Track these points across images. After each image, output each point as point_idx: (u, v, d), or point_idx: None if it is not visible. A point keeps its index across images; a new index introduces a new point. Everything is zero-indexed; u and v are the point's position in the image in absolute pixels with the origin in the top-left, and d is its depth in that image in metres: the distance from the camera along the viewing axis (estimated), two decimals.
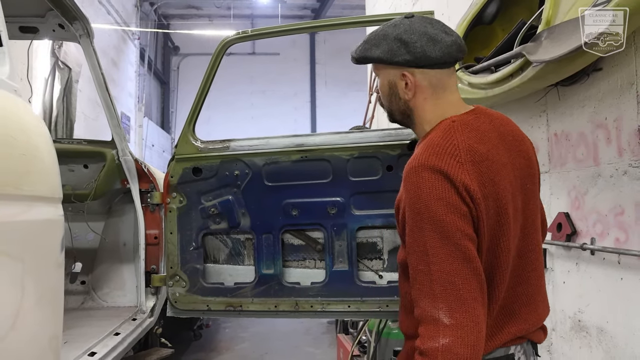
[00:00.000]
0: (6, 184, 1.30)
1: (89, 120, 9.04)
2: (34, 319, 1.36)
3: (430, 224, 1.39)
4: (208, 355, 6.45)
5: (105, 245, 3.25)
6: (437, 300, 1.36)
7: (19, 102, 1.50)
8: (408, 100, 1.60)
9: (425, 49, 1.54)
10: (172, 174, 2.64)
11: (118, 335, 2.35)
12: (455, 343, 1.32)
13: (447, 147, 1.47)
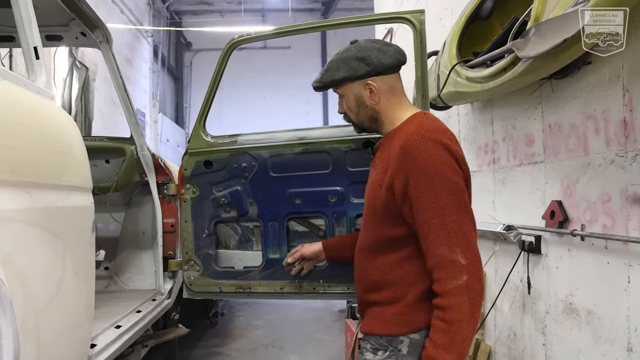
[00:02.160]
0: (49, 176, 1.52)
1: (106, 118, 9.23)
2: (73, 288, 1.58)
3: (442, 183, 1.68)
4: (223, 341, 6.58)
5: (126, 233, 3.40)
6: (454, 246, 1.64)
7: (55, 107, 1.72)
8: (375, 105, 1.93)
9: (380, 59, 1.88)
10: (186, 167, 2.79)
11: (140, 313, 2.54)
12: (472, 279, 1.63)
13: (437, 128, 1.81)
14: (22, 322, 1.25)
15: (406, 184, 1.73)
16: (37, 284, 1.38)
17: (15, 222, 1.29)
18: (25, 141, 1.43)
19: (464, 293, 1.62)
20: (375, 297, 1.88)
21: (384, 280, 1.84)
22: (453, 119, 4.84)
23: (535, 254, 3.31)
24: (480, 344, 4.06)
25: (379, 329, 1.83)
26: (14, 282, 1.22)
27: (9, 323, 1.19)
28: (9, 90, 1.46)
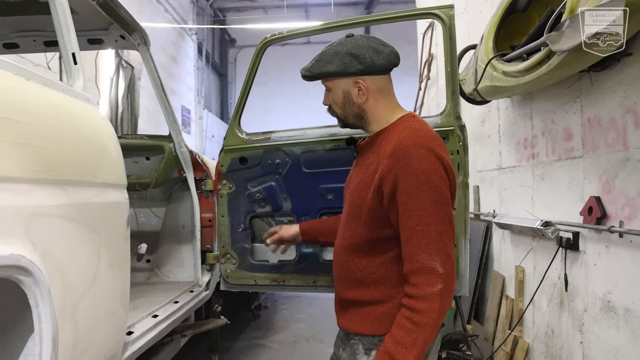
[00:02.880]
0: (85, 174, 1.62)
1: (152, 115, 9.43)
2: (108, 278, 1.68)
3: (430, 192, 1.70)
4: (265, 334, 6.67)
5: (166, 228, 3.51)
6: (433, 254, 1.67)
7: (91, 109, 1.83)
8: (362, 104, 1.92)
9: (373, 59, 1.86)
10: (222, 164, 2.86)
11: (177, 303, 2.64)
12: (446, 288, 1.67)
13: (429, 134, 1.81)
14: (60, 308, 1.35)
15: (394, 187, 1.74)
16: (74, 274, 1.48)
17: (53, 217, 1.39)
18: (63, 143, 1.53)
19: (437, 300, 1.66)
20: (358, 295, 1.91)
21: (369, 279, 1.88)
22: (493, 113, 4.80)
23: (573, 251, 3.27)
24: (519, 341, 4.03)
25: (369, 329, 1.87)
26: (52, 272, 1.32)
27: (47, 309, 1.29)
28: (48, 96, 1.57)
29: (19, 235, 1.23)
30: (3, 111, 1.28)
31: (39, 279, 1.25)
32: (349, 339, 1.96)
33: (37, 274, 1.24)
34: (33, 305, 1.27)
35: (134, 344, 2.03)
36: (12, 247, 1.19)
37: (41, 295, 1.27)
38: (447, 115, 2.56)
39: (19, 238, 1.22)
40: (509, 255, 4.43)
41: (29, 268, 1.22)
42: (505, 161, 4.54)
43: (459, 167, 2.52)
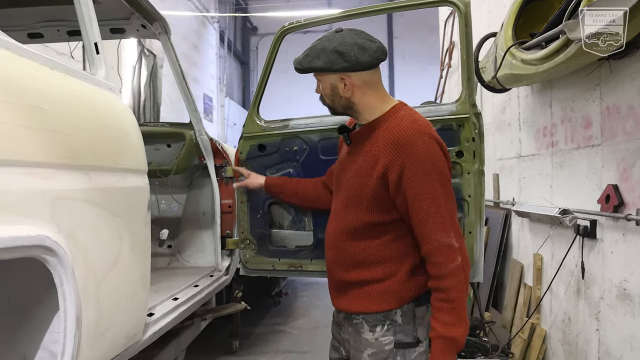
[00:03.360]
0: (107, 160, 1.69)
1: (174, 103, 9.50)
2: (129, 260, 1.75)
3: (437, 175, 1.86)
4: (285, 320, 6.74)
5: (187, 214, 3.58)
6: (449, 232, 1.84)
7: (113, 97, 1.89)
8: (349, 97, 2.01)
9: (358, 57, 1.93)
10: (241, 151, 2.89)
11: (197, 287, 2.70)
12: (464, 260, 1.86)
13: (424, 121, 1.98)
14: (83, 288, 1.42)
15: (401, 174, 1.86)
16: (96, 256, 1.55)
17: (76, 201, 1.46)
18: (86, 130, 1.60)
19: (461, 273, 1.84)
20: (358, 275, 2.03)
21: (369, 260, 2.00)
22: (513, 101, 4.78)
23: (591, 239, 3.27)
24: (536, 328, 4.04)
25: (373, 307, 2.00)
26: (76, 253, 1.39)
27: (71, 288, 1.36)
28: (72, 85, 1.64)
29: (45, 218, 1.30)
30: (30, 99, 1.35)
31: (64, 259, 1.32)
32: (351, 319, 2.06)
33: (62, 254, 1.31)
34: (58, 284, 1.34)
35: (155, 325, 2.10)
36: (39, 228, 1.26)
37: (65, 274, 1.34)
38: (463, 102, 2.55)
39: (44, 220, 1.29)
40: (528, 243, 4.43)
41: (54, 248, 1.28)
42: (525, 149, 4.53)
43: (474, 155, 2.52)
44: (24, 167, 1.25)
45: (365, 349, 2.01)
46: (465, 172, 2.54)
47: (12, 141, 1.24)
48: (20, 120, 1.28)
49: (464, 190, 2.54)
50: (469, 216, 2.54)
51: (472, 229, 2.54)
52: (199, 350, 5.11)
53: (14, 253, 1.19)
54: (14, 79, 1.34)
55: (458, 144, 2.53)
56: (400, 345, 1.97)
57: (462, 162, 2.54)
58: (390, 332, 1.98)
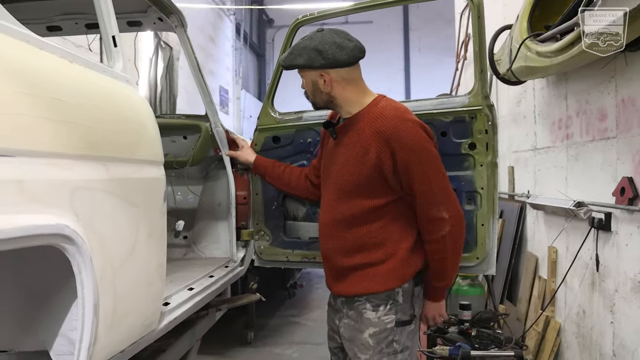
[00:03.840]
0: (124, 151, 1.73)
1: (190, 95, 9.56)
2: (145, 250, 1.79)
3: (425, 155, 2.09)
4: (300, 311, 6.82)
5: (203, 205, 3.59)
6: (439, 205, 2.10)
7: (130, 90, 1.93)
8: (329, 92, 2.19)
9: (335, 55, 2.10)
10: (256, 143, 2.94)
11: (212, 277, 2.73)
12: (454, 229, 2.14)
13: (404, 107, 2.16)
14: (100, 275, 1.46)
15: (394, 161, 2.06)
16: (113, 244, 1.58)
17: (94, 191, 1.49)
18: (103, 121, 1.63)
19: (447, 239, 2.13)
20: (360, 259, 2.18)
21: (370, 243, 2.17)
22: (528, 94, 4.78)
23: (605, 231, 3.27)
24: (550, 321, 4.05)
25: (376, 287, 2.16)
26: (94, 242, 1.43)
27: (89, 276, 1.39)
28: (90, 77, 1.67)
29: (64, 207, 1.33)
30: (50, 92, 1.38)
31: (82, 247, 1.35)
32: (352, 302, 2.21)
33: (80, 243, 1.35)
34: (76, 272, 1.37)
35: (170, 314, 2.13)
36: (58, 217, 1.29)
37: (83, 262, 1.37)
38: (475, 94, 2.57)
39: (63, 209, 1.32)
40: (542, 235, 4.43)
41: (72, 237, 1.32)
42: (540, 142, 4.53)
43: (487, 147, 2.53)
44: (44, 158, 1.29)
45: (367, 329, 2.16)
46: (477, 164, 2.55)
47: (33, 132, 1.27)
48: (42, 112, 1.31)
49: (477, 182, 2.55)
50: (482, 208, 2.55)
51: (484, 221, 2.55)
52: (215, 341, 5.19)
53: (34, 241, 1.23)
54: (35, 72, 1.37)
55: (470, 136, 2.55)
56: (399, 324, 2.16)
57: (474, 154, 2.55)
58: (392, 311, 2.15)
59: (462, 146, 2.56)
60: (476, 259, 2.59)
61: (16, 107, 1.22)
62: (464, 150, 2.57)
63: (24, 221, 1.17)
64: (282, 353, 5.37)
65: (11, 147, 1.17)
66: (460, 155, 2.58)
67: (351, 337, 2.21)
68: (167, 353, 2.47)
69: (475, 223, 2.57)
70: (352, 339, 2.21)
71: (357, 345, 2.18)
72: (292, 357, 5.29)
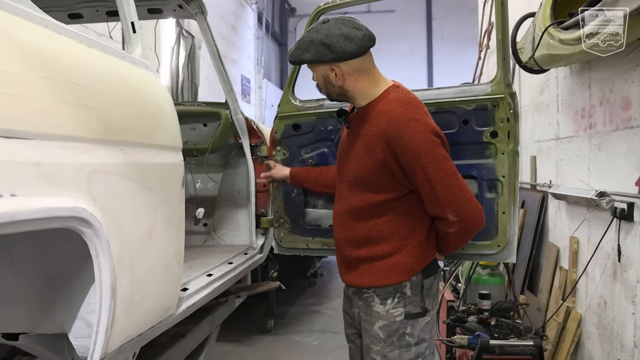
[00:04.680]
0: (142, 136, 1.74)
1: (212, 84, 9.56)
2: (163, 234, 1.80)
3: (427, 157, 2.01)
4: (321, 300, 6.81)
5: (223, 193, 3.61)
6: (444, 208, 2.04)
7: (149, 75, 1.94)
8: (341, 85, 2.12)
9: (344, 47, 2.01)
10: (276, 130, 2.91)
11: (231, 264, 2.75)
12: (461, 231, 2.11)
13: (413, 102, 2.08)
14: (118, 259, 1.47)
15: (398, 161, 2.02)
16: (131, 228, 1.60)
17: (111, 175, 1.51)
18: (121, 106, 1.65)
19: (451, 237, 2.14)
20: (368, 252, 2.16)
21: (378, 236, 2.14)
22: (551, 83, 4.70)
23: (628, 221, 3.21)
24: (571, 312, 4.00)
25: (384, 280, 2.14)
26: (111, 225, 1.44)
27: (107, 259, 1.41)
28: (108, 62, 1.69)
29: (81, 190, 1.34)
30: (68, 76, 1.40)
31: (99, 230, 1.37)
32: (361, 293, 2.20)
33: (97, 226, 1.36)
34: (94, 255, 1.39)
35: (188, 300, 2.15)
36: (75, 200, 1.30)
37: (101, 246, 1.39)
38: (498, 82, 2.54)
39: (80, 192, 1.34)
40: (564, 226, 4.37)
41: (89, 220, 1.33)
42: (562, 131, 4.46)
43: (509, 135, 2.51)
44: (62, 141, 1.31)
45: (377, 322, 2.14)
46: (499, 152, 2.52)
47: (51, 116, 1.29)
48: (60, 96, 1.33)
49: (498, 170, 2.53)
50: (503, 196, 2.53)
51: (505, 209, 2.53)
52: (235, 329, 5.23)
53: (51, 223, 1.24)
54: (53, 56, 1.38)
55: (492, 124, 2.52)
56: (409, 316, 2.13)
57: (496, 142, 2.53)
58: (401, 304, 2.13)
59: (484, 134, 2.53)
60: (497, 247, 2.56)
61: (34, 90, 1.23)
62: (485, 138, 2.54)
63: (41, 203, 1.18)
64: (302, 341, 5.39)
65: (29, 129, 1.18)
66: (481, 144, 2.55)
67: (364, 328, 2.23)
68: (187, 338, 2.50)
69: (496, 211, 2.54)
70: (364, 330, 2.23)
71: (369, 336, 2.19)
72: (311, 345, 5.30)
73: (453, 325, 3.74)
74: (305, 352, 5.14)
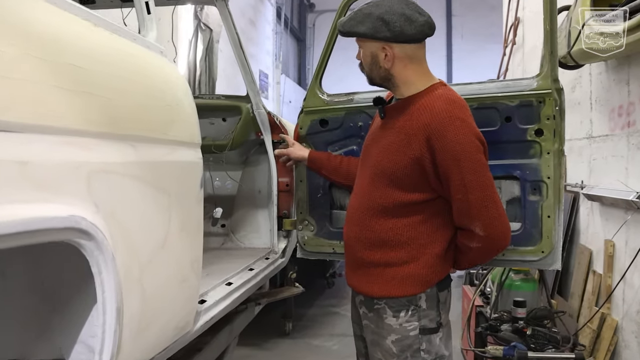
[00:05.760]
0: (155, 130, 1.51)
1: (230, 78, 9.50)
2: (179, 243, 1.58)
3: (467, 162, 1.86)
4: (340, 302, 6.70)
5: (242, 192, 3.49)
6: (473, 221, 1.89)
7: (164, 62, 1.71)
8: (388, 69, 1.96)
9: (403, 28, 1.87)
10: (301, 126, 2.76)
11: (252, 271, 2.57)
12: (485, 248, 1.95)
13: (461, 103, 1.93)
14: (125, 275, 1.25)
15: (434, 159, 1.86)
16: (141, 238, 1.37)
17: (118, 176, 1.28)
18: (131, 94, 1.41)
19: (473, 252, 1.97)
20: (382, 256, 1.99)
21: (395, 240, 1.97)
22: (584, 79, 4.56)
23: None
24: (607, 318, 3.81)
25: (396, 291, 1.97)
26: (117, 236, 1.21)
27: (111, 276, 1.18)
28: (117, 44, 1.45)
29: (80, 195, 1.11)
30: (67, 56, 1.17)
31: (102, 243, 1.14)
32: (372, 304, 2.04)
33: (100, 238, 1.13)
34: (95, 272, 1.16)
35: (207, 313, 1.94)
36: (72, 207, 1.07)
37: (104, 261, 1.16)
38: (544, 77, 2.40)
39: (79, 198, 1.10)
40: (598, 228, 4.21)
41: (90, 231, 1.10)
42: (596, 130, 4.31)
43: (554, 134, 2.38)
44: (57, 135, 1.07)
45: (389, 335, 1.99)
46: (544, 151, 2.41)
47: (44, 103, 1.05)
48: (55, 80, 1.10)
49: (543, 171, 2.42)
50: (548, 199, 2.42)
51: (550, 212, 2.41)
52: (251, 332, 5.04)
53: (42, 237, 1.01)
54: (50, 32, 1.16)
55: (538, 122, 2.40)
56: (425, 331, 1.98)
57: (541, 141, 2.41)
58: (415, 317, 1.98)
59: (528, 132, 2.41)
60: (541, 253, 2.43)
61: (22, 71, 1.00)
62: (529, 136, 2.41)
63: (28, 212, 0.95)
64: (322, 345, 5.23)
65: (13, 120, 0.95)
66: (525, 142, 2.42)
67: (373, 341, 2.06)
68: (203, 352, 2.29)
69: (540, 214, 2.43)
70: (375, 343, 2.06)
71: (382, 350, 2.03)
72: (331, 349, 5.13)
73: (485, 334, 3.54)
74: (325, 358, 4.96)
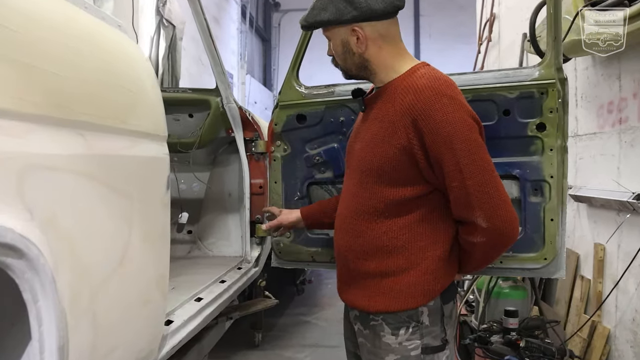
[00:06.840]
0: (112, 117, 1.23)
1: (193, 77, 9.30)
2: (141, 257, 1.31)
3: (461, 143, 1.67)
4: (311, 310, 6.54)
5: (210, 195, 3.34)
6: (474, 210, 1.68)
7: (123, 37, 1.44)
8: (362, 53, 1.78)
9: (369, 3, 1.71)
10: (276, 122, 2.56)
11: (224, 283, 2.36)
12: (489, 242, 1.72)
13: (447, 80, 1.73)
14: (71, 302, 0.97)
15: (423, 144, 1.68)
16: (92, 253, 1.09)
17: (62, 172, 0.99)
18: (79, 69, 1.13)
19: (476, 248, 1.75)
20: (377, 265, 1.79)
21: (391, 245, 1.77)
22: (569, 75, 4.36)
23: None
24: (597, 327, 3.70)
25: (393, 305, 1.77)
26: (59, 251, 0.94)
27: (51, 305, 0.90)
28: (63, 9, 1.16)
29: (6, 198, 0.83)
30: None
31: (37, 261, 0.86)
32: (368, 320, 1.83)
33: (34, 255, 0.85)
34: (29, 300, 0.87)
35: (174, 336, 1.69)
36: None
37: (41, 285, 0.88)
38: (547, 66, 2.22)
39: (5, 201, 0.82)
40: (585, 231, 4.09)
41: (19, 246, 0.82)
42: (582, 128, 4.20)
43: (557, 128, 2.20)
44: None
45: (387, 355, 1.80)
46: (547, 148, 2.23)
47: None
48: None
49: (546, 169, 2.24)
50: (551, 200, 2.24)
51: (553, 215, 2.23)
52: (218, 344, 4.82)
53: None
54: None
55: (539, 115, 2.22)
56: (427, 350, 1.79)
57: (543, 136, 2.23)
58: (416, 335, 1.78)
59: (529, 127, 2.23)
60: (543, 260, 2.27)
61: None
62: (530, 132, 2.24)
63: None
64: (293, 357, 5.04)
65: None
66: (526, 138, 2.25)
67: None
68: None
69: (542, 218, 2.25)
70: None
71: None
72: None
73: (473, 346, 3.35)
74: None
